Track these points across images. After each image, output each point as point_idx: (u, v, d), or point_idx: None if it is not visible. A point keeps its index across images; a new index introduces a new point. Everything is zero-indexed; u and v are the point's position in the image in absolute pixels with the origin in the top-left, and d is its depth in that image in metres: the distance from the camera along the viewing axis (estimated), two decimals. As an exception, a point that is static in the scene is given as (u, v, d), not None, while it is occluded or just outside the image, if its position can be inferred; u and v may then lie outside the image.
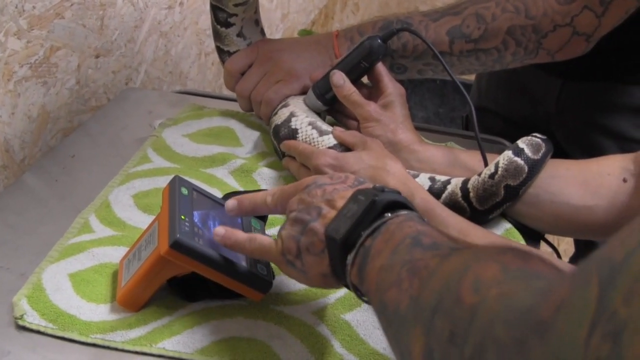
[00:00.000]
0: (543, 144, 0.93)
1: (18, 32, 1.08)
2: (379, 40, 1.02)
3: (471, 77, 1.44)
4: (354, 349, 0.79)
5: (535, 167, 0.91)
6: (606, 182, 0.89)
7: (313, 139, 1.00)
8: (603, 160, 0.92)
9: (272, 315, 0.83)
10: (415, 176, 0.94)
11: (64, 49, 1.20)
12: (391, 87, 1.02)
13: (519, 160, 0.91)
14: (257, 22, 1.13)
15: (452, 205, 0.91)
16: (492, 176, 0.90)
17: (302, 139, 1.00)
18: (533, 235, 0.97)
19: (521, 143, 0.92)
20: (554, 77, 1.22)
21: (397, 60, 1.08)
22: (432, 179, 0.93)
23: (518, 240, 0.91)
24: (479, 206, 0.91)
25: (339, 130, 0.99)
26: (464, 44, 1.05)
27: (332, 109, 1.07)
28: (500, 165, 0.91)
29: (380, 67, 1.03)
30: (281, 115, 1.04)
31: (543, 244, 1.02)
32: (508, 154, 0.91)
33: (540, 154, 0.92)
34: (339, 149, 0.97)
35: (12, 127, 1.11)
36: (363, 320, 0.82)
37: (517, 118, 1.32)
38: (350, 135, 0.97)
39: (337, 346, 0.80)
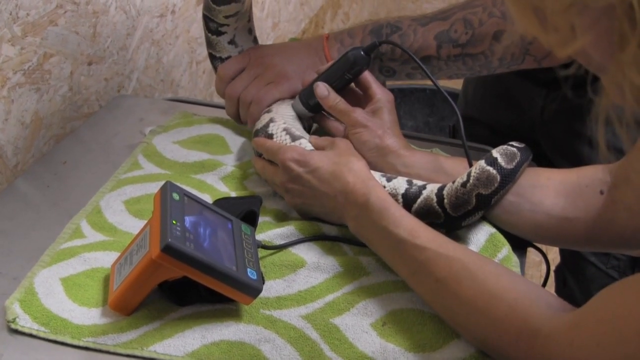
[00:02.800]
0: (518, 153, 0.93)
1: (12, 38, 1.09)
2: (362, 52, 1.03)
3: (458, 86, 1.45)
4: (343, 352, 0.80)
5: (508, 176, 0.91)
6: (585, 193, 0.90)
7: (286, 144, 1.02)
8: (583, 171, 0.93)
9: (262, 319, 0.84)
10: (391, 179, 0.95)
11: (57, 56, 1.21)
12: (380, 93, 1.03)
13: (491, 169, 0.91)
14: (250, 30, 1.14)
15: (427, 209, 0.92)
16: (464, 184, 0.91)
17: None
18: (520, 244, 0.98)
19: (495, 152, 0.93)
20: (538, 87, 1.24)
21: (386, 64, 1.10)
22: (409, 182, 0.95)
23: (503, 245, 0.92)
24: (453, 212, 0.92)
25: (314, 137, 1.02)
26: (451, 48, 1.06)
27: (318, 114, 1.09)
28: (473, 174, 0.91)
29: (368, 75, 1.05)
30: (262, 120, 1.06)
31: (532, 251, 1.03)
32: (481, 163, 0.92)
33: (514, 164, 0.92)
34: None
35: (5, 133, 1.12)
36: (352, 324, 0.83)
37: (503, 127, 1.34)
38: (321, 140, 1.01)
39: (326, 350, 0.81)
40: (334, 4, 2.83)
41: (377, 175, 0.96)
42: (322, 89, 1.03)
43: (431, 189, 0.94)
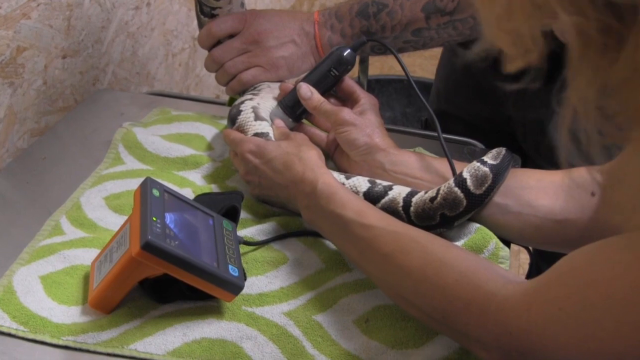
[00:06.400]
0: (490, 176, 0.89)
1: (-15, 32, 1.08)
2: (349, 50, 1.04)
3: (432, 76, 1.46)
4: (325, 349, 0.80)
5: (475, 201, 0.89)
6: (576, 195, 0.88)
7: (248, 121, 1.03)
8: (573, 173, 0.90)
9: (244, 316, 0.83)
10: (350, 177, 0.95)
11: (30, 50, 1.19)
12: (364, 96, 1.04)
13: (458, 192, 0.89)
14: (242, 4, 1.14)
15: (390, 212, 0.91)
16: (432, 200, 0.90)
17: (241, 120, 1.03)
18: (503, 240, 0.97)
19: (466, 172, 0.90)
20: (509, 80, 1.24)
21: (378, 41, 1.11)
22: (372, 182, 0.94)
23: (490, 238, 0.90)
24: (417, 221, 0.91)
25: (278, 125, 1.04)
26: (439, 17, 1.08)
27: (298, 124, 1.08)
28: (441, 192, 0.90)
29: (350, 80, 1.06)
30: (242, 98, 1.08)
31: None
32: (450, 182, 0.90)
33: (483, 189, 0.89)
34: (266, 137, 1.01)
35: (-21, 128, 1.10)
36: (335, 321, 0.83)
37: (478, 121, 1.33)
38: (278, 133, 1.02)
39: (308, 347, 0.80)
40: (310, -5, 2.82)
41: (335, 174, 0.95)
42: (305, 90, 1.03)
43: (398, 192, 0.92)
